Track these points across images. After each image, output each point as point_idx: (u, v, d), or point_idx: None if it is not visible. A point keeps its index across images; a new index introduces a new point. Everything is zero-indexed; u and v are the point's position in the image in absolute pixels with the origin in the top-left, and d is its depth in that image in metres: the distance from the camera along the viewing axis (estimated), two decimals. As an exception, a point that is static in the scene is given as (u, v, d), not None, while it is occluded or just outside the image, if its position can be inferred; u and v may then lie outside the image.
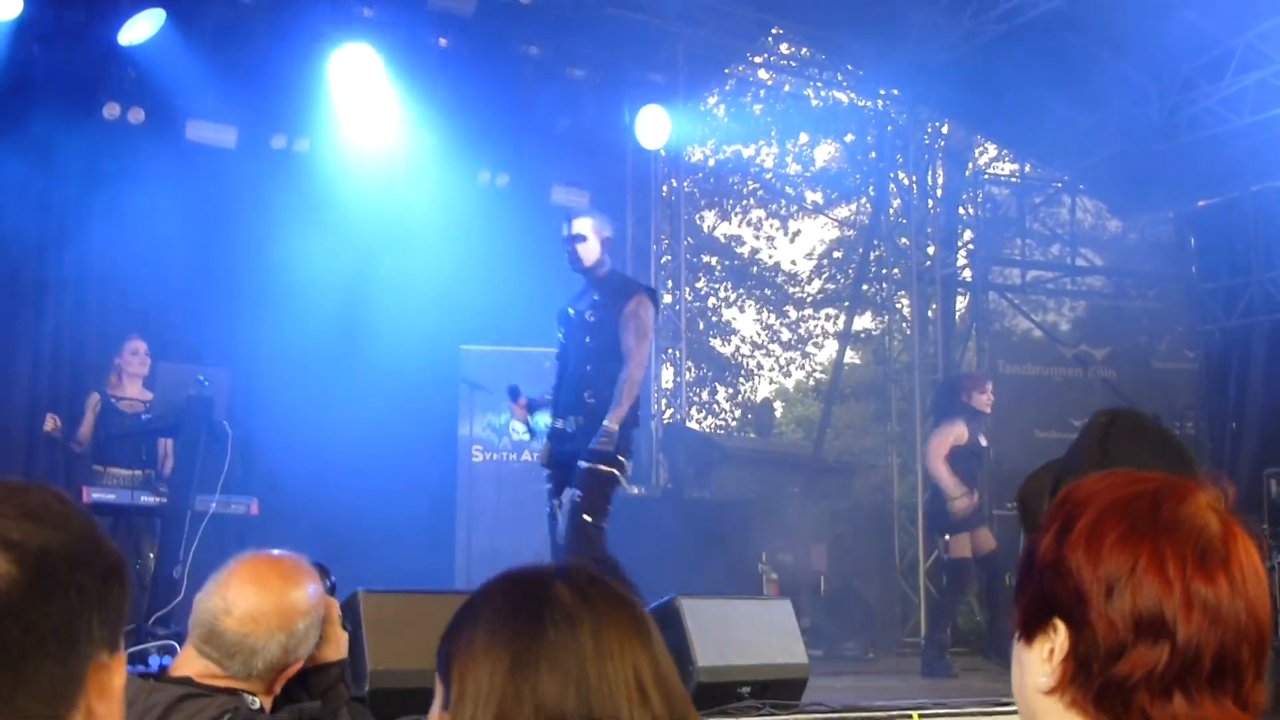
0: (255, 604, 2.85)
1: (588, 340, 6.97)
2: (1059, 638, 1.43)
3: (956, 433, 9.80)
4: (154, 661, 6.40)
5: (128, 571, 1.24)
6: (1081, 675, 1.40)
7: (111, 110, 9.95)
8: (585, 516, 6.40)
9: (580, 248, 7.04)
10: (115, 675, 1.21)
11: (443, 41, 11.05)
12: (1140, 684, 1.36)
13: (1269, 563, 11.71)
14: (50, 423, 8.46)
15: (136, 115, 10.03)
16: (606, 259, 7.16)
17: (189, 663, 2.86)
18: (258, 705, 2.81)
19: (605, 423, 6.58)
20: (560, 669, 1.41)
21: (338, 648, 3.09)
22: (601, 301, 7.02)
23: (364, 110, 10.70)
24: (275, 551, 3.04)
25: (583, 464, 6.56)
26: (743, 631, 5.80)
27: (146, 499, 7.68)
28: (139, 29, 9.66)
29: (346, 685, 3.09)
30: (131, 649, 6.27)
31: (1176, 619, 1.36)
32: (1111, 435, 2.25)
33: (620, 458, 6.66)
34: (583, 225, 7.07)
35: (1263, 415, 13.62)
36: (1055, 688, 1.43)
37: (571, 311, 7.16)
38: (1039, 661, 1.46)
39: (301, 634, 2.92)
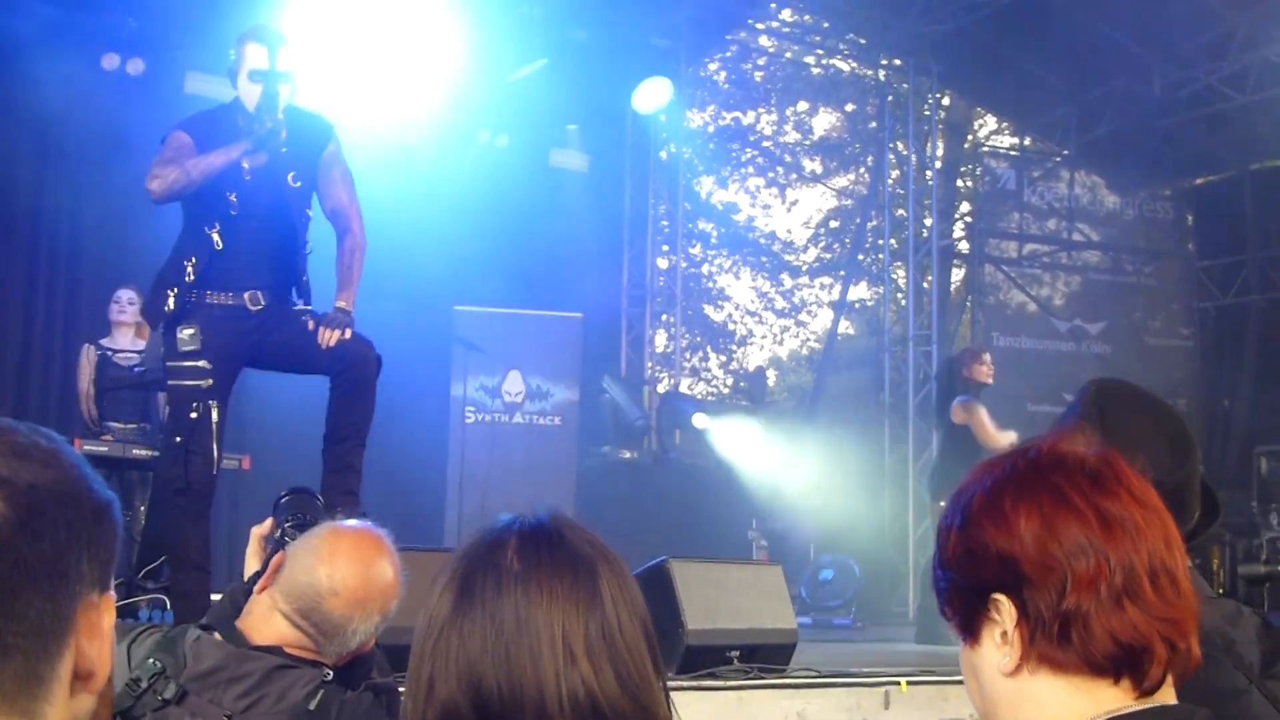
0: (362, 587, 2.76)
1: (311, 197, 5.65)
2: (1003, 613, 1.45)
3: (983, 411, 9.77)
4: (143, 615, 6.39)
5: (116, 511, 1.23)
6: (1039, 629, 1.43)
7: (110, 61, 9.92)
8: None
9: (283, 89, 5.39)
10: (105, 614, 1.20)
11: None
12: (1093, 606, 1.40)
13: (1258, 539, 11.80)
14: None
15: (135, 66, 10.00)
16: None
17: (276, 629, 2.77)
18: (330, 677, 2.73)
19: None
20: (483, 627, 1.44)
21: None
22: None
23: (364, 67, 10.65)
24: (359, 524, 2.95)
25: None
26: (733, 595, 5.79)
27: (138, 452, 7.66)
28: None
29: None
30: (121, 602, 6.27)
31: (1102, 538, 1.41)
32: (1108, 403, 2.28)
33: None
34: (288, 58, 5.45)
35: (1255, 393, 13.66)
36: (1020, 658, 1.45)
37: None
38: (993, 650, 1.48)
39: (390, 617, 2.84)
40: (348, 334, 5.26)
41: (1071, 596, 1.40)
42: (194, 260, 5.20)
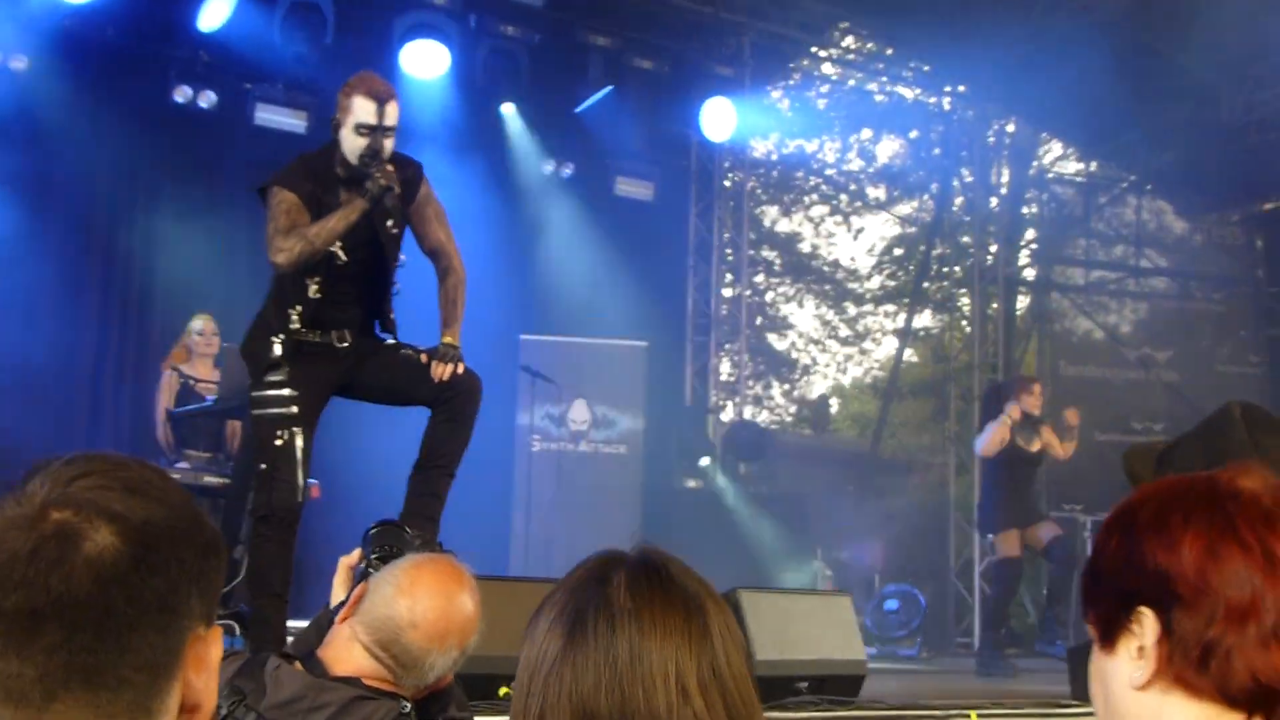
0: (442, 620, 2.78)
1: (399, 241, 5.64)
2: (1146, 627, 1.45)
3: (1001, 435, 9.73)
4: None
5: (224, 546, 1.26)
6: (1179, 651, 1.42)
7: (182, 93, 10.07)
8: None
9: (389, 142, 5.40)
10: (212, 647, 1.23)
11: (510, 30, 11.06)
12: (1239, 640, 1.40)
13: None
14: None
15: (207, 99, 10.14)
16: None
17: (355, 661, 2.80)
18: (408, 709, 2.75)
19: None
20: (597, 663, 1.45)
21: None
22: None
23: (431, 98, 10.75)
24: (441, 557, 2.97)
25: None
26: (802, 625, 5.79)
27: (210, 479, 7.72)
28: (215, 13, 9.76)
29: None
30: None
31: (1264, 579, 1.41)
32: (1256, 426, 2.26)
33: None
34: (394, 112, 5.40)
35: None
36: (1153, 675, 1.45)
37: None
38: (1127, 661, 1.48)
39: (470, 650, 2.87)
40: (460, 368, 5.37)
41: (1220, 625, 1.40)
42: (299, 310, 5.24)
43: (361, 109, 5.28)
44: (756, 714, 1.51)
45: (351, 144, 5.31)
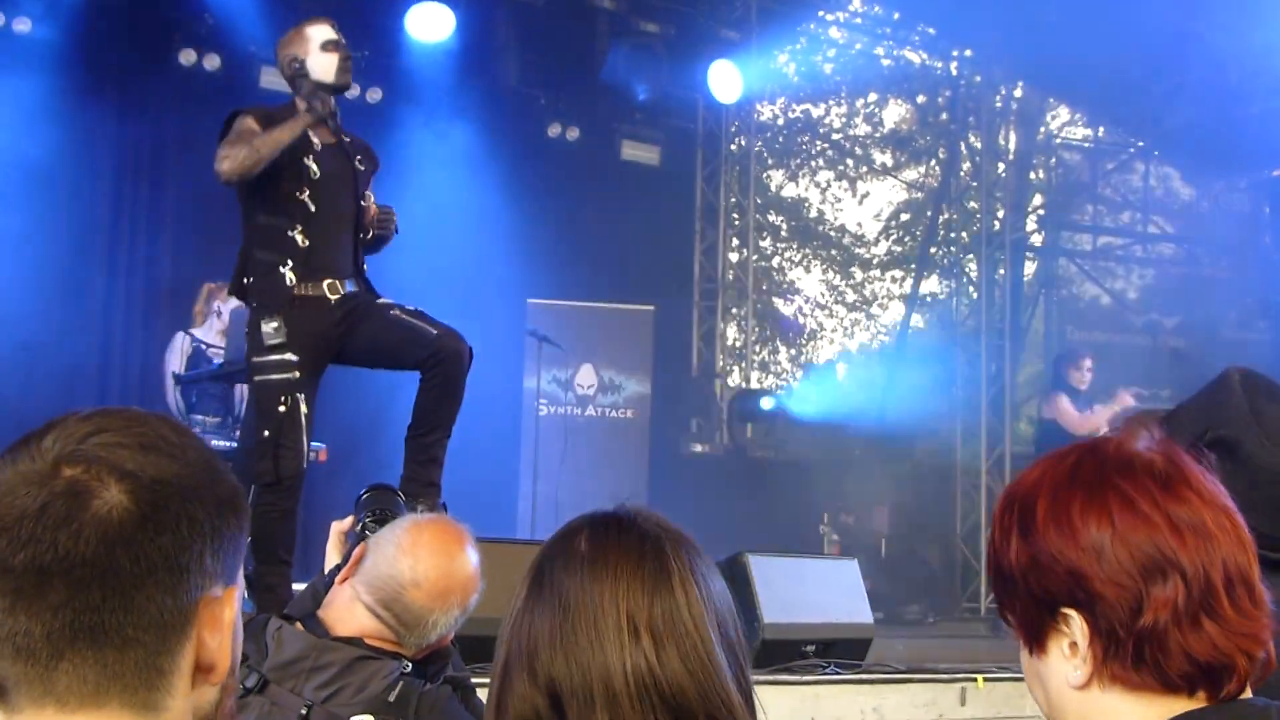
0: (444, 579, 2.79)
1: (369, 197, 5.65)
2: (1074, 626, 1.42)
3: (1064, 402, 9.98)
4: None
5: (244, 503, 1.25)
6: (1112, 647, 1.39)
7: (187, 56, 10.04)
8: None
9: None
10: (227, 608, 1.22)
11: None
12: (1169, 624, 1.36)
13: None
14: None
15: (212, 62, 10.12)
16: None
17: (358, 621, 2.80)
18: (410, 669, 2.76)
19: None
20: (551, 607, 1.48)
21: None
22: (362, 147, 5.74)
23: (437, 61, 10.72)
24: (441, 517, 3.00)
25: None
26: (809, 589, 5.79)
27: (219, 443, 7.73)
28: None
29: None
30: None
31: (1175, 549, 1.37)
32: (1254, 392, 2.24)
33: None
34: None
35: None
36: (1091, 674, 1.41)
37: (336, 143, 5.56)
38: (1061, 662, 1.44)
39: (470, 610, 2.87)
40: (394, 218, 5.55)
41: (1147, 615, 1.37)
42: (290, 262, 5.25)
43: (317, 31, 5.41)
44: (716, 662, 1.48)
45: (324, 63, 5.40)
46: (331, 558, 3.15)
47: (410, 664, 2.78)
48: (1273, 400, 2.24)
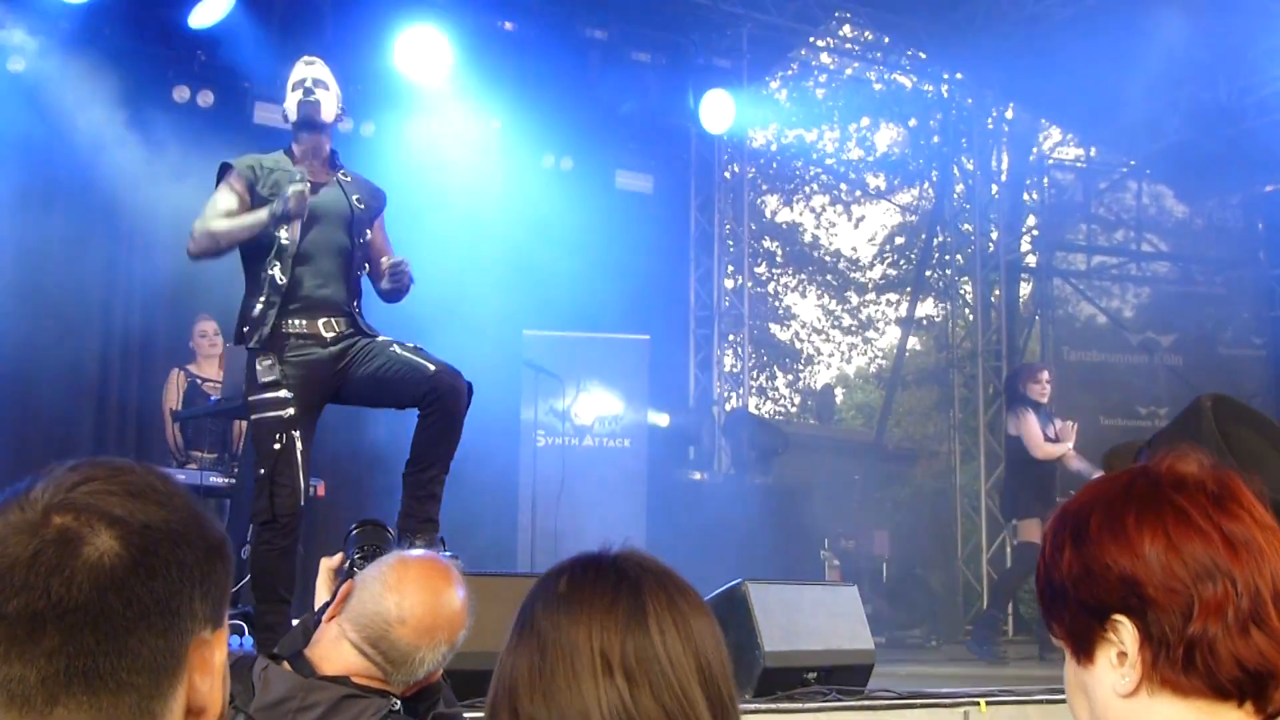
0: (430, 615, 2.79)
1: (367, 235, 5.68)
2: (1124, 634, 1.45)
3: (1031, 422, 9.95)
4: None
5: (229, 550, 1.26)
6: (1163, 652, 1.42)
7: (181, 93, 10.08)
8: None
9: (323, 96, 5.54)
10: (218, 650, 1.23)
11: (508, 25, 11.06)
12: (1220, 631, 1.39)
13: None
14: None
15: (205, 98, 10.15)
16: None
17: (344, 659, 2.80)
18: (398, 707, 2.76)
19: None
20: (530, 647, 1.49)
21: None
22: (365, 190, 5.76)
23: (430, 94, 10.76)
24: (427, 553, 3.01)
25: None
26: (809, 616, 5.79)
27: (216, 480, 7.72)
28: (209, 12, 9.73)
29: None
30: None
31: (1228, 560, 1.41)
32: (1224, 418, 2.29)
33: None
34: (324, 71, 5.60)
35: (1331, 403, 13.45)
36: (1139, 681, 1.44)
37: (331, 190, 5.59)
38: (1108, 670, 1.47)
39: (458, 646, 2.87)
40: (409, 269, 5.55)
41: (1198, 621, 1.40)
42: (277, 301, 5.27)
43: (292, 75, 5.52)
44: (694, 702, 1.47)
45: (290, 104, 5.51)
46: (321, 594, 3.15)
47: (399, 701, 2.79)
48: (1239, 423, 2.30)
